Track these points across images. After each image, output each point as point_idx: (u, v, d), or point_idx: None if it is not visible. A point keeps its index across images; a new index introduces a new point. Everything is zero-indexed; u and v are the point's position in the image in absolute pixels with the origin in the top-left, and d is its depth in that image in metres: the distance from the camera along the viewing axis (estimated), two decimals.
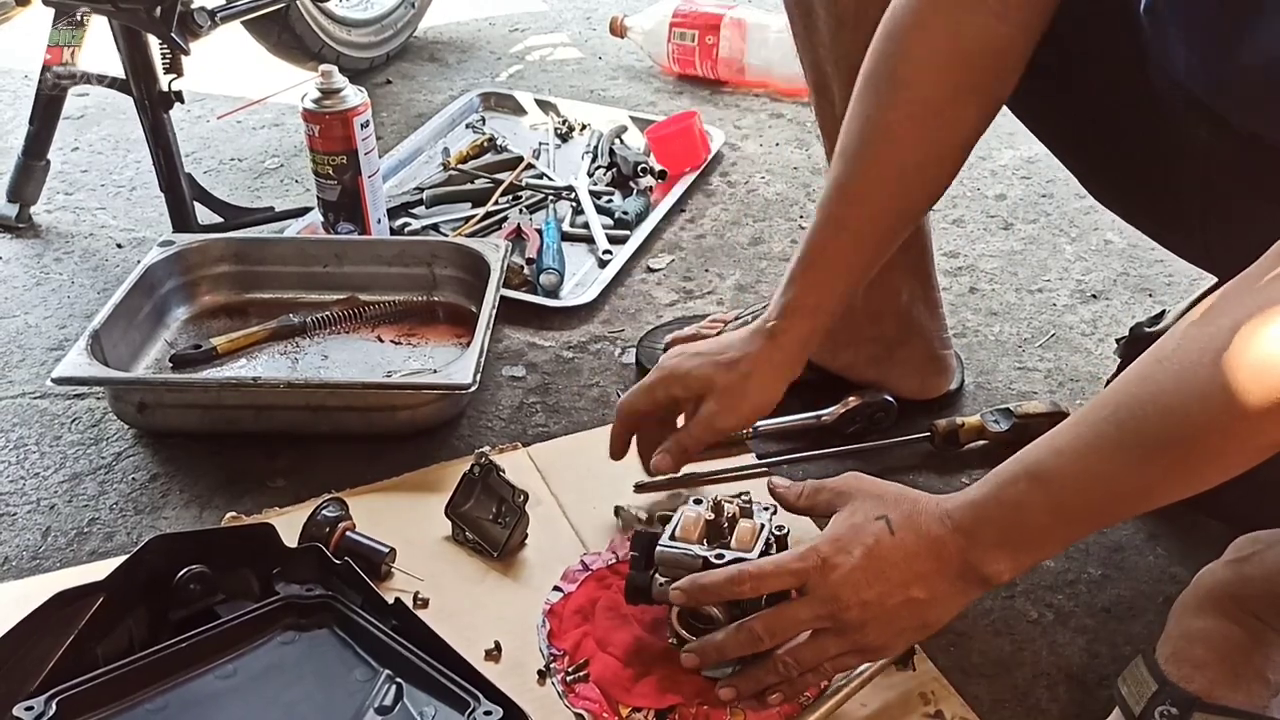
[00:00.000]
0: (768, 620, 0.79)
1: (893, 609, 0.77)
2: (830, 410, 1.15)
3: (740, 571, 0.79)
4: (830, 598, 0.77)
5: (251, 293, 1.35)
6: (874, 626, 0.77)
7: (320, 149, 1.39)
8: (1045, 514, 0.72)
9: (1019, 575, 0.78)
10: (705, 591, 0.81)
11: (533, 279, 1.40)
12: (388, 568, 0.97)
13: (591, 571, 0.96)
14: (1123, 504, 0.73)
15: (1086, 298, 1.41)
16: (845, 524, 0.79)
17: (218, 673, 0.81)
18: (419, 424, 1.16)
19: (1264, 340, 0.60)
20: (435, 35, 2.23)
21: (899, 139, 0.89)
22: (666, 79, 2.04)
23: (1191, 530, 1.03)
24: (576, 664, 0.88)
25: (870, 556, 0.77)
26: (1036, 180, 1.67)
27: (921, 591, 0.76)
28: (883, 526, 0.78)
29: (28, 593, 0.90)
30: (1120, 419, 0.68)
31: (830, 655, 0.79)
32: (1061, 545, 0.78)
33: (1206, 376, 0.63)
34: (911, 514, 0.78)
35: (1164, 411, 0.65)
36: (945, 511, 0.77)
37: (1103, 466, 0.69)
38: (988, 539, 0.74)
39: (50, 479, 1.13)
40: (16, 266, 1.50)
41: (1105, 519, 0.78)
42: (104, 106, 1.88)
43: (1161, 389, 0.66)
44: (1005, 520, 0.74)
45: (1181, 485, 0.68)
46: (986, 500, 0.74)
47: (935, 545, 0.76)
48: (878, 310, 1.15)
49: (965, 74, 0.87)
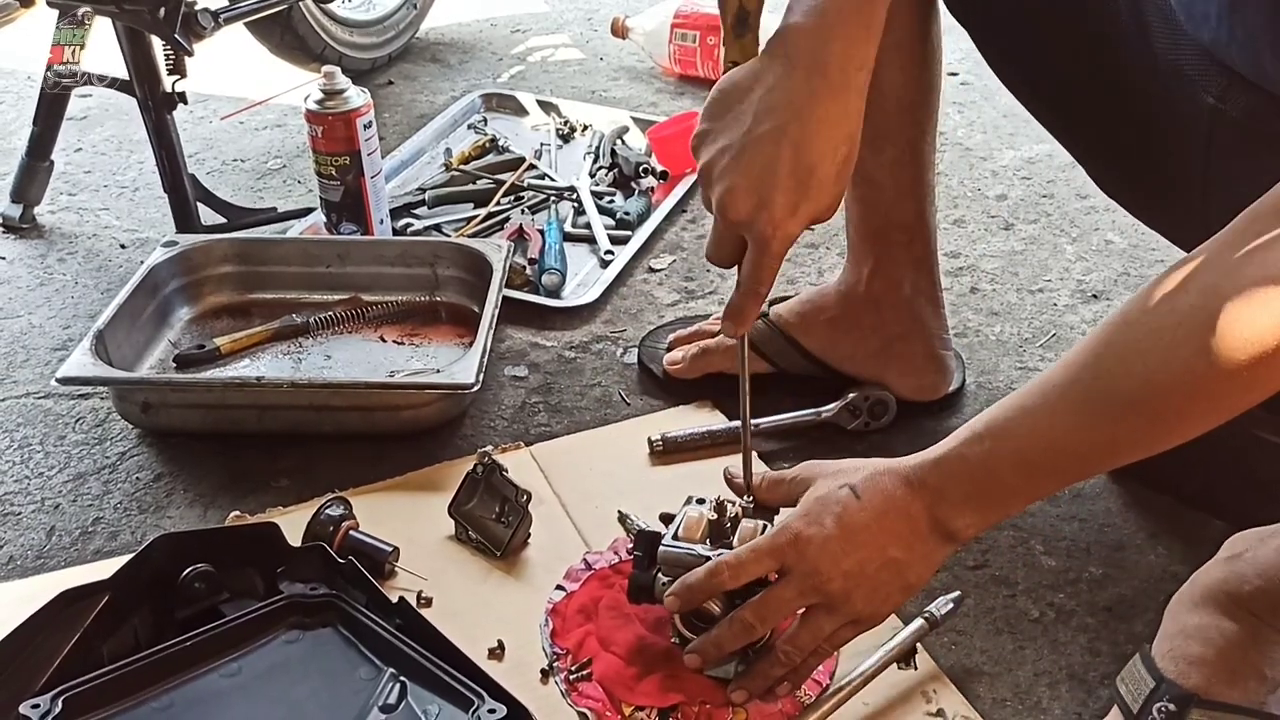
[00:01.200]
0: (755, 607, 0.79)
1: (874, 573, 0.77)
2: (830, 406, 1.16)
3: (717, 563, 0.80)
4: (811, 571, 0.77)
5: (255, 293, 1.36)
6: (859, 593, 0.78)
7: (323, 150, 1.39)
8: (1010, 471, 0.73)
9: (985, 530, 0.80)
10: (692, 591, 0.81)
11: (535, 279, 1.40)
12: (391, 567, 0.98)
13: (594, 570, 0.97)
14: (1087, 462, 0.74)
15: (1087, 298, 1.41)
16: (811, 498, 0.80)
17: (222, 671, 0.82)
18: (422, 424, 1.17)
19: (1233, 304, 0.61)
20: (437, 36, 2.23)
21: None
22: (668, 80, 2.05)
23: (1192, 529, 1.04)
24: (579, 663, 0.88)
25: (842, 524, 0.77)
26: (1037, 180, 1.67)
27: (898, 551, 0.77)
28: (848, 494, 0.78)
29: (33, 591, 0.91)
30: (1086, 379, 0.69)
31: (826, 633, 0.80)
32: (1027, 501, 0.79)
33: (1174, 339, 0.64)
34: (873, 478, 0.78)
35: (1130, 372, 0.67)
36: (908, 470, 0.77)
37: (1068, 424, 0.70)
38: (954, 495, 0.75)
39: (55, 478, 1.14)
40: (20, 267, 1.50)
41: (1070, 477, 0.79)
42: (107, 107, 1.89)
43: (1128, 350, 0.67)
44: (970, 477, 0.74)
45: (1146, 444, 0.69)
46: (950, 457, 0.75)
47: (902, 504, 0.77)
48: (880, 300, 1.16)
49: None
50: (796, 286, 1.43)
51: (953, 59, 1.02)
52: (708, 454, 1.13)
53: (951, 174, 1.71)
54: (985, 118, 1.84)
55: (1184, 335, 0.64)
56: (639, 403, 1.23)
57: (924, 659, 0.90)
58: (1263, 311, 0.61)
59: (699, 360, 1.21)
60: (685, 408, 1.21)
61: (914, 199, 1.12)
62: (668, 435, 1.14)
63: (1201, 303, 0.63)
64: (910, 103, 1.08)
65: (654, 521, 0.90)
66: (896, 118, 1.07)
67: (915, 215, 1.13)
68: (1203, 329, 0.63)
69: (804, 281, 1.44)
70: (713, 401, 1.21)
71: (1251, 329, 0.61)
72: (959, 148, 1.79)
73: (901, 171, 1.11)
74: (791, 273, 1.46)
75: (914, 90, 1.07)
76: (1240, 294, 0.62)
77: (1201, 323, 0.63)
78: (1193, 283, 0.65)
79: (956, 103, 1.89)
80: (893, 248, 1.14)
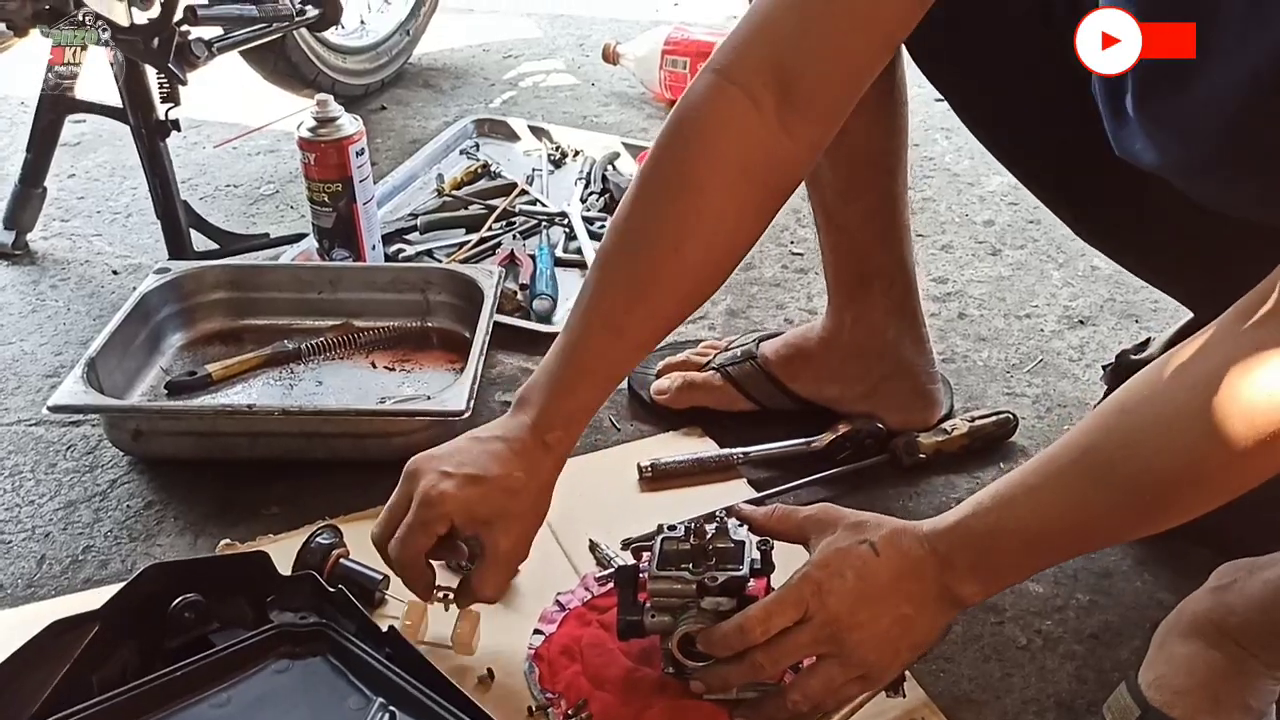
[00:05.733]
0: (770, 650, 0.80)
1: (887, 628, 0.79)
2: (820, 437, 1.16)
3: (747, 619, 0.80)
4: (830, 620, 0.78)
5: (246, 319, 1.36)
6: (871, 646, 0.79)
7: (315, 176, 1.40)
8: (1014, 544, 0.76)
9: (989, 597, 0.83)
10: (718, 646, 0.81)
11: (526, 305, 1.41)
12: (382, 595, 0.98)
13: (569, 611, 0.96)
14: (1088, 539, 0.78)
15: (1074, 323, 1.43)
16: (831, 549, 0.81)
17: (212, 701, 0.81)
18: (414, 450, 1.14)
19: (1231, 394, 0.63)
20: (430, 62, 2.25)
21: (689, 243, 0.85)
22: (659, 105, 2.06)
23: (1179, 557, 1.04)
24: (575, 705, 0.87)
25: (861, 578, 0.79)
26: (1024, 206, 1.69)
27: (910, 608, 0.79)
28: (868, 549, 0.80)
29: (23, 620, 0.91)
30: (1091, 461, 0.71)
31: (837, 684, 0.81)
32: (1030, 572, 0.83)
33: (1174, 426, 0.66)
34: (891, 537, 0.80)
35: (1134, 458, 0.69)
36: (923, 534, 0.80)
37: (1071, 504, 0.72)
38: (960, 564, 0.78)
39: (45, 506, 1.14)
40: (12, 294, 1.51)
41: (1073, 551, 0.83)
42: (100, 134, 1.90)
43: (1131, 436, 0.69)
44: (976, 548, 0.77)
45: (1145, 525, 0.73)
46: (959, 528, 0.78)
47: (917, 565, 0.79)
48: (864, 348, 1.16)
49: (752, 188, 0.85)
50: (786, 312, 1.44)
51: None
52: (697, 480, 1.14)
53: (939, 199, 1.73)
54: (972, 143, 1.81)
55: (1184, 423, 0.66)
56: (629, 428, 1.24)
57: (912, 687, 0.91)
58: (1263, 399, 0.62)
59: (684, 393, 1.22)
60: (674, 434, 1.21)
61: (890, 242, 1.13)
62: (657, 462, 1.14)
63: (1202, 392, 0.64)
64: (880, 150, 1.07)
65: (621, 550, 0.89)
66: (867, 169, 1.07)
67: (892, 259, 1.13)
68: (1200, 418, 0.64)
69: (793, 306, 1.45)
70: (701, 428, 1.21)
71: (1251, 416, 0.62)
72: (946, 173, 1.80)
73: (875, 218, 1.11)
74: (780, 298, 1.47)
75: (881, 138, 1.07)
76: (1237, 384, 0.63)
77: (1199, 411, 0.64)
78: (1192, 368, 0.66)
79: (944, 128, 1.91)
80: (872, 294, 1.14)
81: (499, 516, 0.85)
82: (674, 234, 0.85)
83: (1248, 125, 0.71)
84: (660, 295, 0.87)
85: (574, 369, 0.87)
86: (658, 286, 0.86)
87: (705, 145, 0.84)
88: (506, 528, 0.86)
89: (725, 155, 0.84)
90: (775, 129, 0.83)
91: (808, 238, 1.55)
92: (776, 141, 0.83)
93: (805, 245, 1.56)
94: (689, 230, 0.85)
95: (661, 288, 0.86)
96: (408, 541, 0.85)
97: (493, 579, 0.87)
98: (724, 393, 1.21)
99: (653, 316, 0.88)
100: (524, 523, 0.87)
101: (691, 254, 0.85)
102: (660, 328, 0.89)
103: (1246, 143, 0.72)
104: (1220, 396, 0.63)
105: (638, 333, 0.88)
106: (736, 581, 0.83)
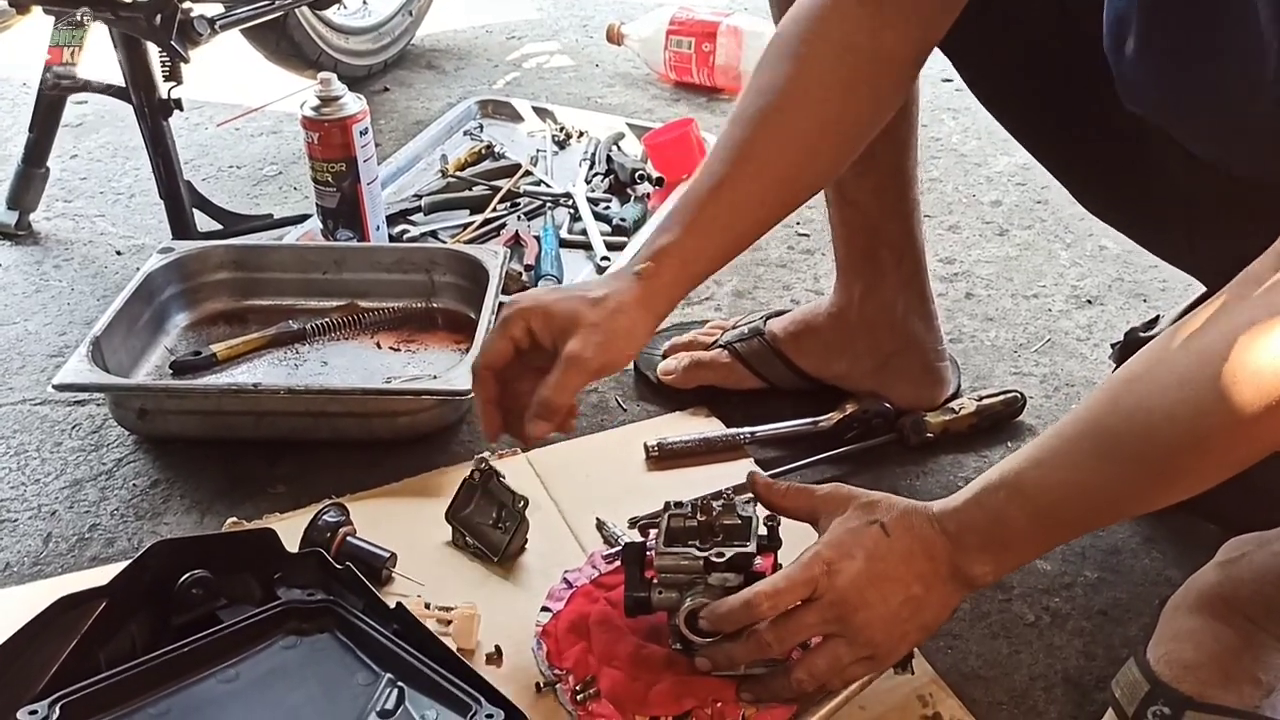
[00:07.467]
0: (778, 629, 0.80)
1: (896, 609, 0.78)
2: (827, 417, 1.16)
3: (755, 594, 0.80)
4: (838, 600, 0.78)
5: (251, 299, 1.36)
6: (879, 627, 0.79)
7: (319, 156, 1.40)
8: (1024, 522, 0.75)
9: (1002, 576, 0.82)
10: (724, 621, 0.81)
11: (531, 285, 1.40)
12: (388, 572, 0.98)
13: (576, 588, 0.96)
14: (1100, 514, 0.76)
15: (1082, 303, 1.42)
16: (842, 529, 0.81)
17: (220, 677, 0.81)
18: (419, 430, 1.17)
19: (1239, 360, 0.62)
20: (433, 43, 2.24)
21: (793, 107, 0.90)
22: (663, 86, 2.05)
23: (1187, 533, 1.04)
24: (583, 681, 0.87)
25: (871, 559, 0.79)
26: (1032, 186, 1.68)
27: (920, 589, 0.78)
28: (879, 530, 0.79)
29: (30, 598, 0.91)
30: (1098, 434, 0.71)
31: (844, 664, 0.80)
32: (1042, 549, 0.82)
33: (1179, 396, 0.65)
34: (902, 517, 0.80)
35: (1141, 428, 0.68)
36: (934, 515, 0.79)
37: (1080, 478, 0.72)
38: (971, 544, 0.77)
39: (51, 485, 1.14)
40: (16, 274, 1.50)
41: (1084, 527, 0.82)
42: (103, 114, 1.89)
43: (1138, 405, 0.68)
44: (987, 527, 0.76)
45: (1155, 497, 0.71)
46: (969, 507, 0.77)
47: (928, 546, 0.78)
48: (873, 323, 1.16)
49: (857, 65, 0.90)
50: (792, 293, 1.44)
51: (947, 66, 1.02)
52: (704, 460, 1.14)
53: (946, 180, 1.72)
54: (979, 124, 1.85)
55: (1190, 390, 0.64)
56: (635, 408, 1.24)
57: (920, 663, 0.90)
58: (1271, 364, 0.61)
59: (692, 372, 1.21)
60: (681, 414, 1.21)
61: (900, 217, 1.12)
62: (664, 441, 1.14)
63: (1209, 359, 0.63)
64: (892, 124, 1.06)
65: (628, 528, 0.88)
66: (879, 143, 1.06)
67: (903, 234, 1.13)
68: (1208, 384, 0.63)
69: (799, 288, 1.45)
70: (709, 408, 1.21)
71: (1259, 381, 0.61)
72: (954, 154, 1.80)
73: (885, 193, 1.11)
74: (787, 279, 1.47)
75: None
76: (1244, 350, 0.62)
77: (1207, 378, 0.63)
78: (1198, 341, 0.65)
79: (951, 109, 1.90)
80: (882, 269, 1.14)
81: (574, 323, 0.85)
82: (779, 97, 0.89)
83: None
84: (764, 155, 0.89)
85: (673, 215, 0.91)
86: (762, 146, 0.89)
87: (812, 22, 0.90)
88: (582, 334, 0.85)
89: (829, 33, 0.89)
90: (877, 18, 0.88)
91: (814, 219, 1.54)
92: (879, 30, 0.88)
93: (811, 226, 1.56)
94: (793, 94, 0.89)
95: (766, 147, 0.89)
96: (486, 347, 0.88)
97: (560, 380, 0.84)
98: (732, 370, 1.21)
99: (757, 176, 0.90)
100: (600, 332, 0.85)
101: (796, 118, 0.89)
102: (764, 191, 0.90)
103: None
104: (1229, 363, 0.62)
105: (740, 190, 0.89)
106: (743, 557, 0.83)
